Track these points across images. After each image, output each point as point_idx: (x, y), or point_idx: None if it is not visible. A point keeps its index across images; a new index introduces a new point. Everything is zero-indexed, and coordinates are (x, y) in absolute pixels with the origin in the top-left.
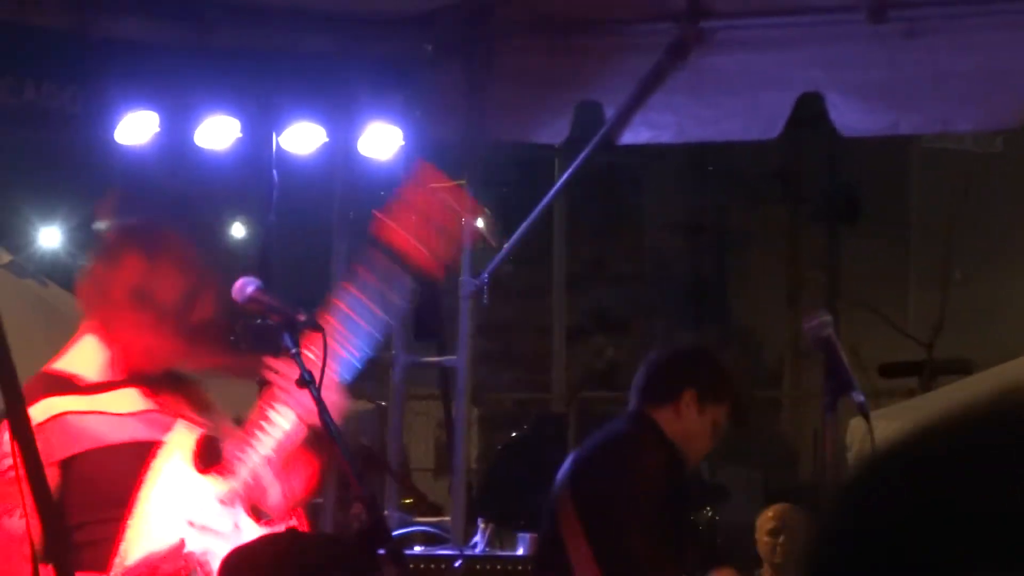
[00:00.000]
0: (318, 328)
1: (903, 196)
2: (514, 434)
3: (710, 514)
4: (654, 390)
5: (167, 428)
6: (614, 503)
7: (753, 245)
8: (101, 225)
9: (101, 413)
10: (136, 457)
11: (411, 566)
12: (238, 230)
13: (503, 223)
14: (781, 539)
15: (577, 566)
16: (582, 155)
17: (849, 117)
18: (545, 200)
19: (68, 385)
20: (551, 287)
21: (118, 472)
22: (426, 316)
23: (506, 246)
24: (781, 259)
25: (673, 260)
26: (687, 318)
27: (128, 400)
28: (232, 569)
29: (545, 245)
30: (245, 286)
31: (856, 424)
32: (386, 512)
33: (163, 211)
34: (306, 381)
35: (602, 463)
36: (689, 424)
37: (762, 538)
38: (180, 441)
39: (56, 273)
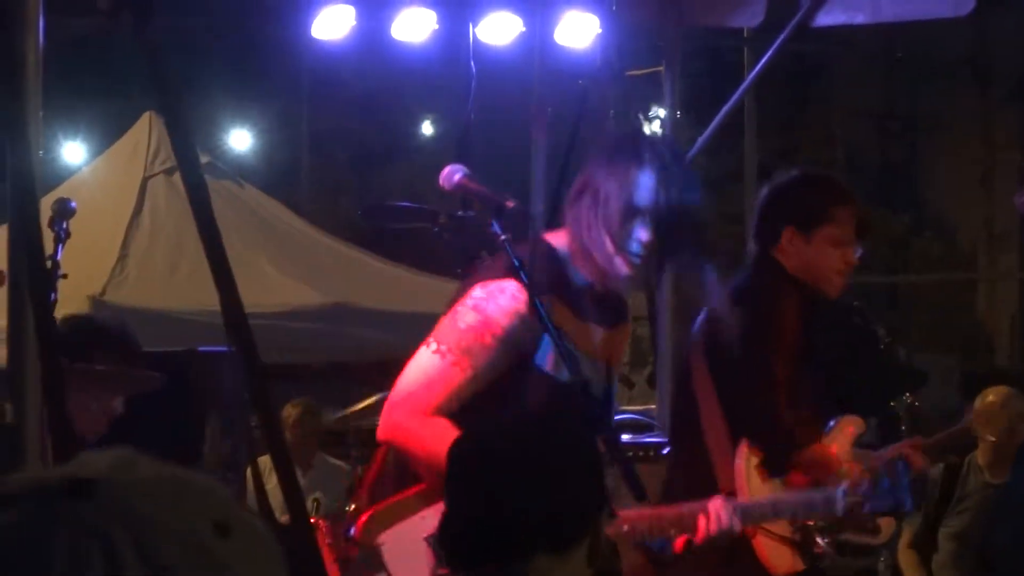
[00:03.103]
0: (527, 213)
1: None
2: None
3: (909, 400)
4: (763, 234)
5: None
6: (743, 356)
7: (944, 130)
8: None
9: None
10: None
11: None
12: (435, 125)
13: (697, 113)
14: (1003, 423)
15: (707, 424)
16: (779, 39)
17: None
18: (741, 89)
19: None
20: (743, 176)
21: None
22: None
23: (703, 136)
24: (973, 142)
25: (864, 147)
26: (880, 205)
27: None
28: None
29: (736, 134)
30: (452, 173)
31: None
32: None
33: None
34: (516, 268)
35: (730, 314)
36: (805, 257)
37: (982, 420)
38: None
39: (246, 175)
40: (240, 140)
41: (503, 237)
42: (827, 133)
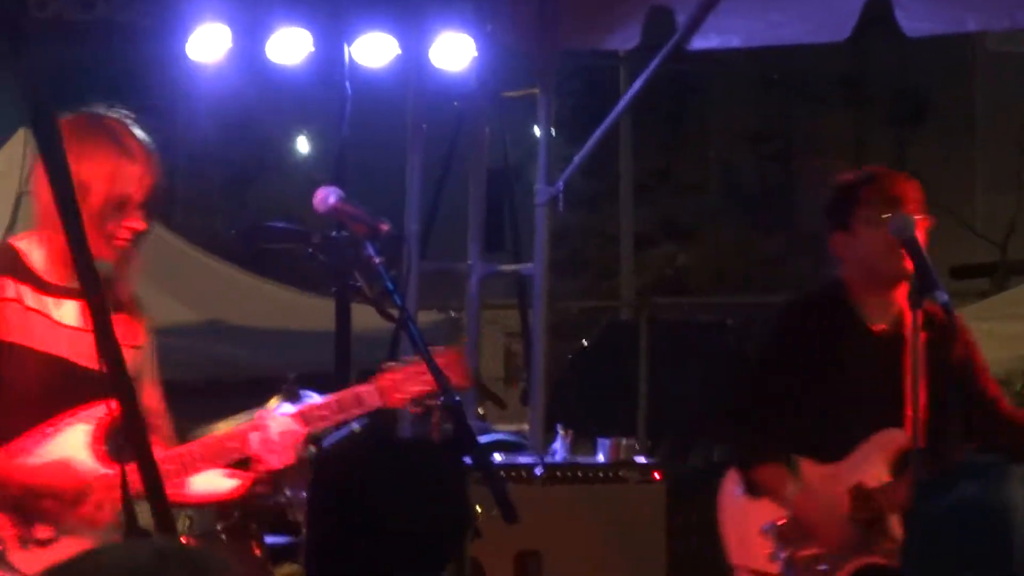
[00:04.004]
0: (400, 237)
1: (969, 99)
2: (585, 342)
3: None
4: (829, 261)
5: (92, 357)
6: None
7: (819, 151)
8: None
9: (42, 315)
10: (55, 375)
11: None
12: (310, 144)
13: (571, 132)
14: None
15: None
16: (655, 61)
17: (915, 16)
18: (617, 109)
19: (28, 275)
20: (618, 196)
21: (33, 382)
22: (495, 225)
23: (579, 155)
24: (847, 164)
25: (739, 168)
26: (754, 225)
27: (67, 312)
28: (325, 463)
29: (612, 154)
30: (327, 196)
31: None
32: None
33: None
34: (388, 291)
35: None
36: (856, 253)
37: None
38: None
39: None
40: None
41: (377, 260)
42: (702, 153)
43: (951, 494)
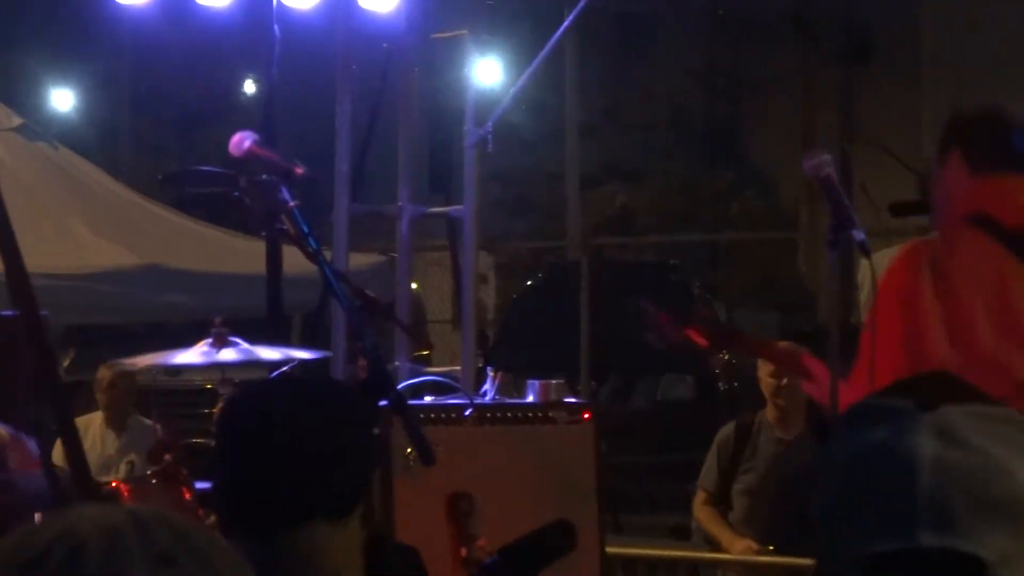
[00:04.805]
0: (315, 182)
1: (915, 36)
2: (528, 283)
3: (727, 357)
4: None
5: None
6: None
7: (767, 88)
8: None
9: None
10: None
11: (421, 416)
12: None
13: (514, 72)
14: (784, 381)
15: None
16: None
17: None
18: (551, 41)
19: None
20: (565, 135)
21: None
22: (437, 169)
23: (511, 92)
24: (795, 101)
25: (687, 106)
26: (703, 163)
27: None
28: (233, 403)
29: (558, 94)
30: (242, 140)
31: (867, 263)
32: (396, 363)
33: None
34: (303, 234)
35: None
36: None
37: (765, 379)
38: None
39: (67, 136)
40: (62, 100)
41: (292, 204)
42: (650, 91)
43: (860, 436)
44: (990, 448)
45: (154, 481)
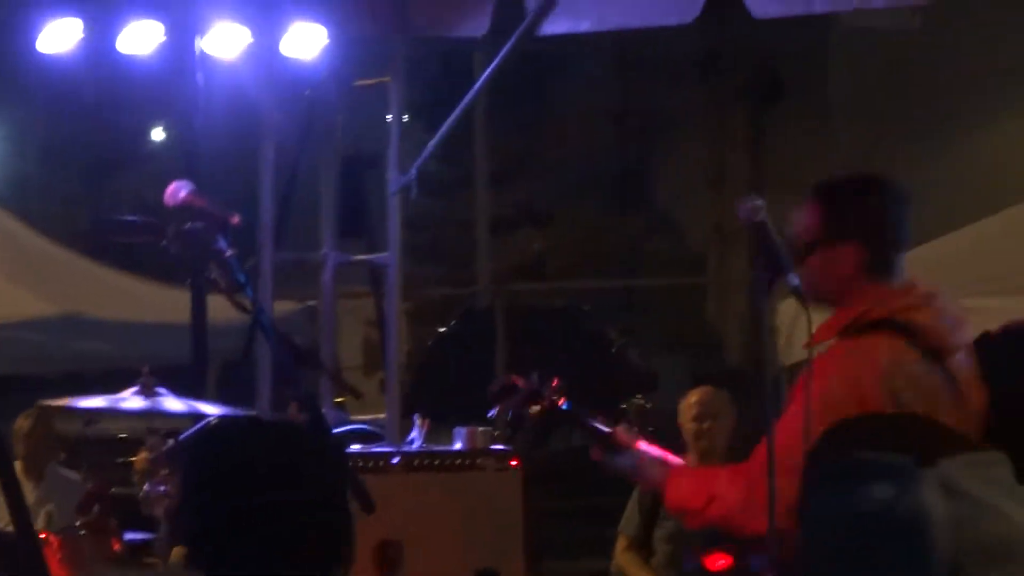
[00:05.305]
0: (251, 228)
1: (824, 77)
2: (442, 329)
3: (641, 400)
4: None
5: None
6: None
7: (676, 130)
8: None
9: None
10: None
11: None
12: (166, 135)
13: (430, 119)
14: (706, 424)
15: None
16: (505, 48)
17: None
18: (469, 95)
19: None
20: (475, 181)
21: None
22: (351, 214)
23: (432, 142)
24: (704, 143)
25: (597, 148)
26: (613, 206)
27: None
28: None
29: (469, 141)
30: (178, 190)
31: (785, 308)
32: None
33: None
34: (240, 284)
35: None
36: None
37: (686, 424)
38: None
39: None
40: None
41: (228, 253)
42: (561, 134)
43: (853, 496)
44: (990, 499)
45: (83, 532)
